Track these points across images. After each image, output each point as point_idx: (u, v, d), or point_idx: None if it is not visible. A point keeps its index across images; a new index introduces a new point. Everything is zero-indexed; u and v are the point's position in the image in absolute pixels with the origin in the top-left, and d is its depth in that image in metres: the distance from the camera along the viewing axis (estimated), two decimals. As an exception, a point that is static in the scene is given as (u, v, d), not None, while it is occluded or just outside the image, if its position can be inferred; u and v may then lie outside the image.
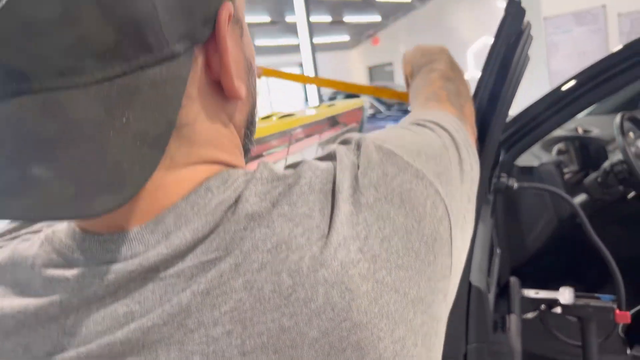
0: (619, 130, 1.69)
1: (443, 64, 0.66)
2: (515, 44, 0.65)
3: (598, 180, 1.77)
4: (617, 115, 1.74)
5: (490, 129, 0.68)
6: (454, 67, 0.66)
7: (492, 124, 0.67)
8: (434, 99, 0.58)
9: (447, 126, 0.48)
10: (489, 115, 0.68)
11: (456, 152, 0.46)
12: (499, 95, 0.68)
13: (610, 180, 1.74)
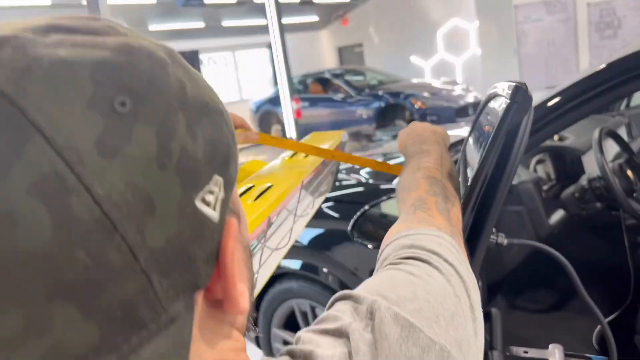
0: (598, 147, 1.67)
1: (432, 159, 0.68)
2: (517, 128, 0.60)
3: (575, 195, 1.76)
4: (596, 130, 1.72)
5: (489, 215, 0.63)
6: (443, 161, 0.68)
7: (491, 211, 0.63)
8: (423, 208, 0.59)
9: (449, 257, 0.48)
10: (489, 201, 0.63)
11: (466, 295, 0.46)
12: (499, 182, 0.63)
13: (588, 196, 1.72)
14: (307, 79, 9.83)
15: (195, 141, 0.29)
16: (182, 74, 0.31)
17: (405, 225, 0.56)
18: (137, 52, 0.29)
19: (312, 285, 2.01)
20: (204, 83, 0.34)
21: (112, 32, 0.30)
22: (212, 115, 0.32)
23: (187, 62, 0.33)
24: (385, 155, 2.74)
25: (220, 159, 0.31)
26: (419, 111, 8.13)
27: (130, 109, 0.26)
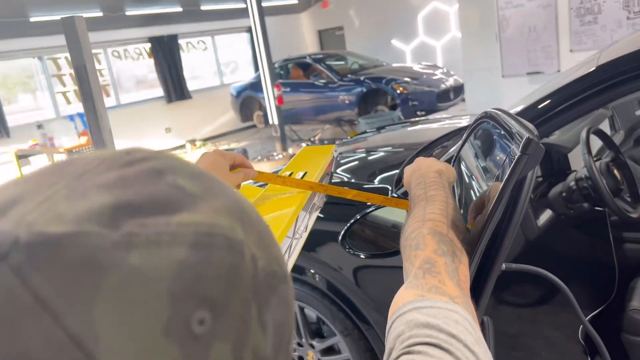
0: (585, 147, 1.67)
1: (437, 209, 0.67)
2: (525, 177, 0.59)
3: (563, 195, 1.76)
4: (583, 130, 1.72)
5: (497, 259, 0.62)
6: (448, 209, 0.67)
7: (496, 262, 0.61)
8: (432, 272, 0.57)
9: (468, 339, 0.47)
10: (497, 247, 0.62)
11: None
12: (508, 228, 0.61)
13: (575, 196, 1.73)
14: (288, 63, 9.72)
15: (265, 334, 0.27)
16: (254, 242, 0.29)
17: (415, 293, 0.54)
18: (216, 243, 0.26)
19: (300, 286, 1.99)
20: (269, 237, 0.32)
21: (181, 200, 0.27)
22: (280, 288, 0.30)
23: (255, 216, 0.31)
24: (369, 153, 2.71)
25: (286, 340, 0.30)
26: (400, 96, 8.12)
27: (209, 328, 0.24)
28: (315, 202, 1.22)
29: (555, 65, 5.27)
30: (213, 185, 0.31)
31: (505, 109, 0.81)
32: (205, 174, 0.32)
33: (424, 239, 0.62)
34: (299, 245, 1.07)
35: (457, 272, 0.58)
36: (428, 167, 0.78)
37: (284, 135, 7.56)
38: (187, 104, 10.20)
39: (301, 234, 1.07)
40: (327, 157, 1.25)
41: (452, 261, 0.59)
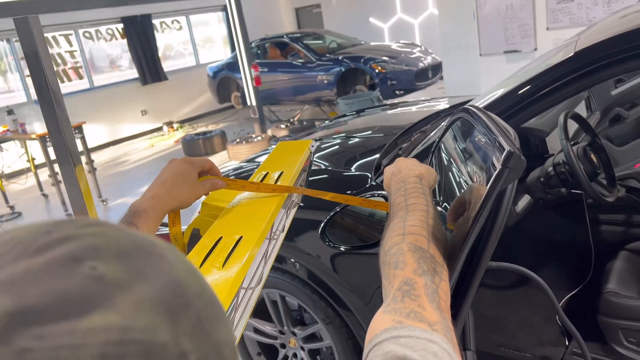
0: (563, 132, 1.67)
1: (418, 220, 0.65)
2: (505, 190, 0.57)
3: (541, 180, 1.77)
4: (560, 115, 1.72)
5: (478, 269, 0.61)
6: (428, 219, 0.65)
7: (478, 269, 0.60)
8: (412, 295, 0.55)
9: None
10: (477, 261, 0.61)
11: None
12: (489, 238, 0.60)
13: (553, 181, 1.73)
14: (265, 43, 9.57)
15: None
16: (187, 333, 0.26)
17: (393, 319, 0.52)
18: (128, 352, 0.23)
19: (281, 275, 1.98)
20: (211, 318, 0.28)
21: (95, 295, 0.24)
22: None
23: (197, 293, 0.28)
24: (349, 137, 2.69)
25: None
26: (379, 75, 8.07)
27: None
28: (293, 200, 1.19)
29: (532, 43, 5.27)
30: (145, 264, 0.27)
31: (479, 107, 0.80)
32: (140, 246, 0.28)
33: (403, 257, 0.61)
34: (277, 245, 1.05)
35: (437, 294, 0.57)
36: (408, 171, 0.76)
37: (262, 116, 7.48)
38: (163, 85, 10.00)
39: (279, 235, 1.05)
40: (303, 153, 1.22)
41: (433, 281, 0.58)
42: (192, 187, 0.85)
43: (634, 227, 2.00)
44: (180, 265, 0.29)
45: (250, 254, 0.79)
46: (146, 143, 9.01)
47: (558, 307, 0.87)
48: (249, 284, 0.85)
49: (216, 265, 0.76)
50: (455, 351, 0.50)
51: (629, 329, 1.57)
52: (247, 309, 0.86)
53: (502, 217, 0.60)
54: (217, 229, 0.88)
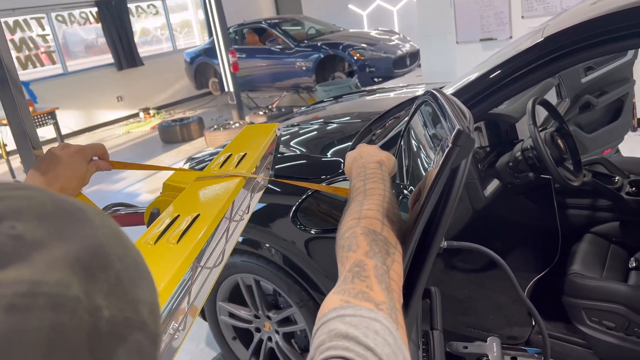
0: (531, 118, 1.71)
1: (374, 204, 0.67)
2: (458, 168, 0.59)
3: (509, 165, 1.80)
4: (529, 101, 1.75)
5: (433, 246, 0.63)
6: (384, 203, 0.66)
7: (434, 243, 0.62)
8: (361, 276, 0.57)
9: (384, 350, 0.48)
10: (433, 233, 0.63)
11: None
12: (442, 215, 0.62)
13: (521, 166, 1.77)
14: (243, 28, 9.47)
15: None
16: (102, 290, 0.27)
17: (342, 299, 0.54)
18: (36, 304, 0.24)
19: (256, 260, 1.99)
20: (131, 278, 0.30)
21: (11, 252, 0.25)
22: (132, 337, 0.29)
23: (119, 255, 0.30)
24: (327, 123, 2.70)
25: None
26: (357, 62, 8.07)
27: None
28: (259, 182, 1.20)
29: (507, 31, 5.33)
30: (67, 226, 0.29)
31: (443, 91, 0.81)
32: (65, 209, 0.30)
33: (356, 240, 0.62)
34: (240, 227, 1.06)
35: (387, 275, 0.59)
36: (369, 157, 0.78)
37: (240, 103, 7.42)
38: (139, 70, 9.84)
39: (242, 215, 1.06)
40: (268, 136, 1.23)
41: (384, 262, 0.60)
42: (83, 174, 0.88)
43: (599, 211, 2.06)
44: (105, 230, 0.30)
45: (206, 232, 0.81)
46: (122, 129, 8.88)
47: (517, 286, 0.90)
48: (206, 262, 0.87)
49: (171, 241, 0.77)
50: (399, 330, 0.53)
51: (591, 309, 1.63)
52: (206, 286, 0.87)
53: (454, 196, 0.62)
54: (176, 208, 0.90)
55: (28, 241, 0.26)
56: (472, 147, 0.59)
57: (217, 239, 0.92)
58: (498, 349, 0.93)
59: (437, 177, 0.60)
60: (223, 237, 0.97)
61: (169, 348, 0.79)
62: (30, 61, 8.52)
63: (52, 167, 0.83)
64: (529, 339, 1.80)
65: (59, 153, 0.85)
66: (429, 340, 1.18)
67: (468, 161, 0.61)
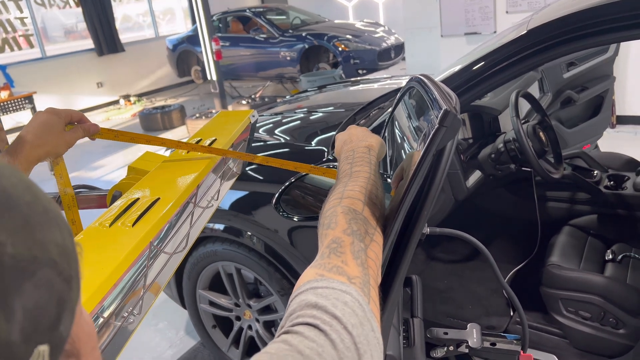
0: (514, 110, 1.72)
1: (358, 186, 0.68)
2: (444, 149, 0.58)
3: (491, 156, 1.82)
4: (512, 94, 1.76)
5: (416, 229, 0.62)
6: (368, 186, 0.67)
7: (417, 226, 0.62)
8: (337, 252, 0.59)
9: (350, 321, 0.49)
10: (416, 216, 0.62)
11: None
12: (427, 197, 0.61)
13: (503, 157, 1.79)
14: (227, 16, 9.36)
15: (10, 320, 0.27)
16: (4, 229, 0.29)
17: (317, 272, 0.56)
18: None
19: (237, 248, 1.98)
20: (39, 221, 0.31)
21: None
22: (41, 272, 0.30)
23: (26, 200, 0.31)
24: (311, 112, 2.68)
25: (47, 324, 0.30)
26: (342, 54, 8.05)
27: None
28: (231, 168, 1.19)
29: (491, 26, 5.36)
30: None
31: (430, 76, 0.81)
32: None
33: (336, 218, 0.64)
34: (207, 214, 1.05)
35: (364, 252, 0.60)
36: (359, 141, 0.79)
37: (223, 91, 7.35)
38: (120, 57, 9.68)
39: (210, 202, 1.05)
40: (241, 122, 1.21)
41: (362, 240, 0.61)
42: (59, 136, 0.89)
43: (578, 204, 2.09)
44: (13, 180, 0.32)
45: (164, 215, 0.80)
46: (102, 116, 8.74)
47: (498, 273, 0.91)
48: (165, 246, 0.86)
49: (127, 224, 0.76)
50: (371, 305, 0.54)
51: (568, 299, 1.66)
52: (166, 271, 0.86)
53: (439, 177, 0.62)
54: (137, 191, 0.88)
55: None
56: (459, 128, 0.59)
57: (179, 224, 0.91)
58: (478, 335, 0.94)
59: (423, 158, 0.60)
60: (187, 222, 0.96)
61: (123, 331, 0.79)
62: (7, 44, 8.31)
63: (40, 132, 0.86)
64: (506, 329, 1.83)
65: (49, 119, 0.88)
66: (409, 328, 1.19)
67: (454, 143, 0.61)
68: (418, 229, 0.66)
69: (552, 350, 1.66)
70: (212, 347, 2.31)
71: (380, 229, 0.65)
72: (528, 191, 2.05)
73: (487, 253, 0.85)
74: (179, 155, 1.06)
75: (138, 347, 2.57)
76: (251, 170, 1.94)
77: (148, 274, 0.80)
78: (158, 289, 0.87)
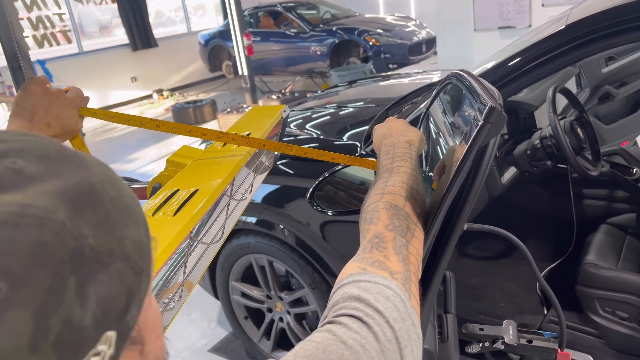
0: (551, 106, 1.69)
1: (399, 181, 0.68)
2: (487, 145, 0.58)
3: (527, 153, 1.79)
4: (550, 89, 1.73)
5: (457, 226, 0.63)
6: (410, 181, 0.68)
7: (458, 222, 0.62)
8: (380, 247, 0.59)
9: (392, 315, 0.50)
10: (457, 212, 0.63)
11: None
12: (469, 194, 0.62)
13: (539, 154, 1.76)
14: (259, 11, 9.42)
15: (84, 306, 0.29)
16: (89, 222, 0.31)
17: (359, 266, 0.57)
18: (24, 222, 0.28)
19: (270, 241, 2.01)
20: (119, 218, 0.34)
21: (10, 181, 0.30)
22: (115, 265, 0.32)
23: (110, 197, 0.33)
24: (341, 107, 2.69)
25: (116, 312, 0.32)
26: (372, 48, 8.01)
27: (4, 295, 0.27)
28: (263, 162, 1.20)
29: (526, 19, 5.25)
30: (63, 168, 0.33)
31: (470, 71, 0.81)
32: (66, 155, 0.34)
33: (378, 213, 0.64)
34: (241, 206, 1.07)
35: (405, 248, 0.61)
36: (399, 136, 0.79)
37: (254, 86, 7.41)
38: (154, 52, 9.85)
39: (244, 194, 1.07)
40: (274, 117, 1.23)
41: (403, 236, 0.62)
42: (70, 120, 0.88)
43: (616, 202, 2.05)
44: (101, 176, 0.34)
45: (203, 206, 0.82)
46: (136, 110, 8.92)
47: (536, 271, 0.90)
48: (203, 237, 0.88)
49: (169, 213, 0.79)
50: (412, 300, 0.55)
51: (605, 299, 1.63)
52: (203, 261, 0.89)
53: (482, 173, 0.62)
54: (176, 183, 0.91)
55: (25, 175, 0.31)
56: (503, 125, 0.59)
57: (215, 215, 0.94)
58: (514, 332, 0.93)
59: (467, 154, 0.60)
60: (222, 213, 0.99)
61: (165, 316, 0.82)
62: (46, 40, 8.55)
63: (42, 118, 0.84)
64: (540, 327, 1.81)
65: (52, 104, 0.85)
66: (443, 323, 1.19)
67: (497, 140, 0.61)
68: (459, 226, 0.66)
69: (588, 350, 1.64)
70: (243, 338, 2.35)
71: (421, 224, 0.66)
72: (564, 188, 2.02)
73: (526, 250, 0.84)
74: (215, 149, 1.09)
75: (172, 336, 2.63)
76: (281, 164, 1.96)
77: (187, 262, 0.83)
78: (196, 278, 0.90)
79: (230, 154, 1.04)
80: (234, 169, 0.99)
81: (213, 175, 0.94)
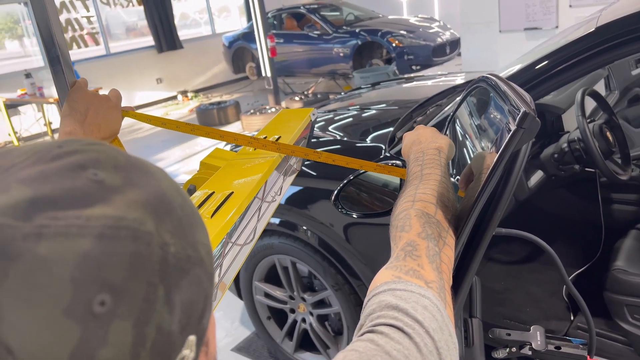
0: (580, 109, 1.67)
1: (429, 189, 0.68)
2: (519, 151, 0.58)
3: (554, 156, 1.77)
4: (578, 92, 1.71)
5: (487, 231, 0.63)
6: (440, 188, 0.68)
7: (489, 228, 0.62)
8: (413, 255, 0.59)
9: (431, 325, 0.50)
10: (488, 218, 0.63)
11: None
12: (500, 200, 0.61)
13: (566, 157, 1.74)
14: (282, 13, 9.47)
15: (172, 312, 0.31)
16: (168, 230, 0.32)
17: (393, 274, 0.57)
18: (121, 235, 0.29)
19: (293, 242, 2.02)
20: (190, 223, 0.34)
21: (96, 193, 0.30)
22: (193, 271, 0.33)
23: (179, 204, 0.34)
24: (364, 109, 2.69)
25: (196, 317, 0.33)
26: (396, 50, 7.98)
27: (109, 308, 0.27)
28: (292, 165, 1.22)
29: (553, 21, 5.18)
30: (136, 176, 0.34)
31: (501, 76, 0.80)
32: (134, 163, 0.35)
33: (410, 221, 0.64)
34: (271, 208, 1.09)
35: (438, 256, 0.60)
36: (428, 143, 0.79)
37: (277, 88, 7.46)
38: (179, 54, 9.98)
39: (274, 197, 1.08)
40: (302, 121, 1.24)
41: (436, 244, 0.61)
42: (115, 123, 0.93)
43: (646, 207, 2.01)
44: (166, 182, 0.35)
45: (238, 209, 0.84)
46: (160, 111, 9.05)
47: (565, 277, 0.89)
48: (237, 239, 0.90)
49: (206, 215, 0.81)
50: (447, 309, 0.55)
51: (634, 306, 1.59)
52: (236, 263, 0.90)
53: (514, 180, 0.62)
54: (211, 185, 0.93)
55: (107, 186, 0.31)
56: (537, 130, 0.59)
57: (248, 218, 0.95)
58: (542, 337, 0.92)
59: (500, 159, 0.60)
60: (255, 216, 1.00)
61: None
62: (75, 42, 8.74)
63: (93, 119, 0.88)
64: (566, 333, 1.78)
65: (101, 106, 0.89)
66: (468, 328, 1.18)
67: (529, 145, 0.60)
68: (490, 231, 0.66)
69: (616, 358, 1.61)
70: (266, 338, 2.36)
71: (452, 231, 0.66)
72: (592, 193, 1.98)
73: (554, 255, 0.83)
74: (247, 152, 1.10)
75: (195, 335, 2.66)
76: (305, 166, 1.97)
77: (223, 264, 0.84)
78: (229, 279, 0.92)
79: (261, 156, 1.06)
80: (267, 172, 1.00)
81: (247, 178, 0.96)
